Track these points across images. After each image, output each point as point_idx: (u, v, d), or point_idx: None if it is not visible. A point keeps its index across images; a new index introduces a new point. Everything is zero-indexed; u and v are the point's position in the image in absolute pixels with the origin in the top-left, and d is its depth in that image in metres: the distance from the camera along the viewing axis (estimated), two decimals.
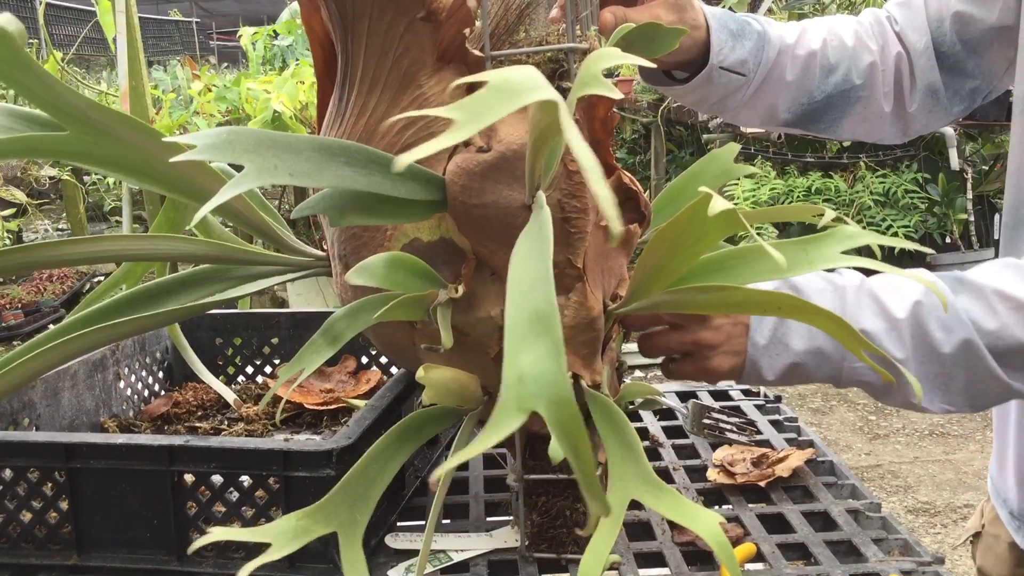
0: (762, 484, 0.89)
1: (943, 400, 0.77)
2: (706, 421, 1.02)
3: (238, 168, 0.55)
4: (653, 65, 0.91)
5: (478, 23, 0.69)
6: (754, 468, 0.92)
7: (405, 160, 0.42)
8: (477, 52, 0.69)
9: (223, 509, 0.76)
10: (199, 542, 0.57)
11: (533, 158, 0.59)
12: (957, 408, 0.78)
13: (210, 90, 4.37)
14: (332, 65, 0.77)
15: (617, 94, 0.49)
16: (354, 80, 0.72)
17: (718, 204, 0.50)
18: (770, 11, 4.57)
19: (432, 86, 0.69)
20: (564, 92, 0.68)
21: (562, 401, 0.45)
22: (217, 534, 0.55)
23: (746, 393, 1.18)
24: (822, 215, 0.62)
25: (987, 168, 4.70)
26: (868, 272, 0.74)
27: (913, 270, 0.79)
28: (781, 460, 0.93)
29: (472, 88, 0.50)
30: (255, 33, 5.75)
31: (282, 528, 0.59)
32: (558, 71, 0.70)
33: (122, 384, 1.05)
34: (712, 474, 0.92)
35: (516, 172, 0.65)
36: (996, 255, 1.02)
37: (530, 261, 0.51)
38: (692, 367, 0.80)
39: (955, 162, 4.13)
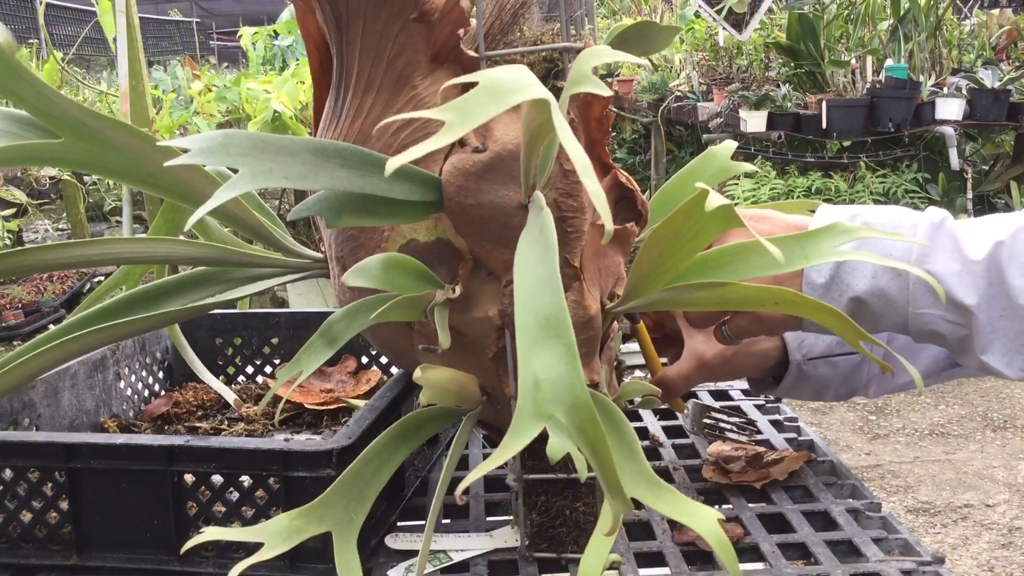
0: (757, 486, 0.89)
1: (1023, 366, 0.68)
2: (706, 421, 1.02)
3: (235, 171, 0.55)
4: (642, 61, 0.90)
5: (473, 23, 0.69)
6: (749, 467, 0.93)
7: (396, 163, 0.42)
8: (472, 52, 0.69)
9: (223, 509, 0.76)
10: (192, 542, 0.57)
11: (527, 158, 0.59)
12: None
13: (210, 90, 4.36)
14: (328, 67, 0.78)
15: (607, 91, 0.49)
16: (349, 82, 0.72)
17: (714, 200, 0.50)
18: (770, 11, 4.57)
19: (427, 87, 0.69)
20: (559, 91, 0.68)
21: (580, 405, 0.46)
22: (210, 533, 0.55)
23: (746, 393, 1.18)
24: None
25: (987, 168, 4.70)
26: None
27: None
28: (777, 462, 0.93)
29: (466, 88, 0.50)
30: (255, 33, 5.76)
31: (276, 528, 0.60)
32: (553, 71, 0.70)
33: (122, 384, 1.05)
34: (707, 472, 0.92)
35: (512, 172, 0.65)
36: None
37: (535, 264, 0.51)
38: (745, 319, 0.77)
39: (955, 162, 4.13)
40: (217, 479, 0.76)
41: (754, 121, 4.04)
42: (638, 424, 1.08)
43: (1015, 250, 0.67)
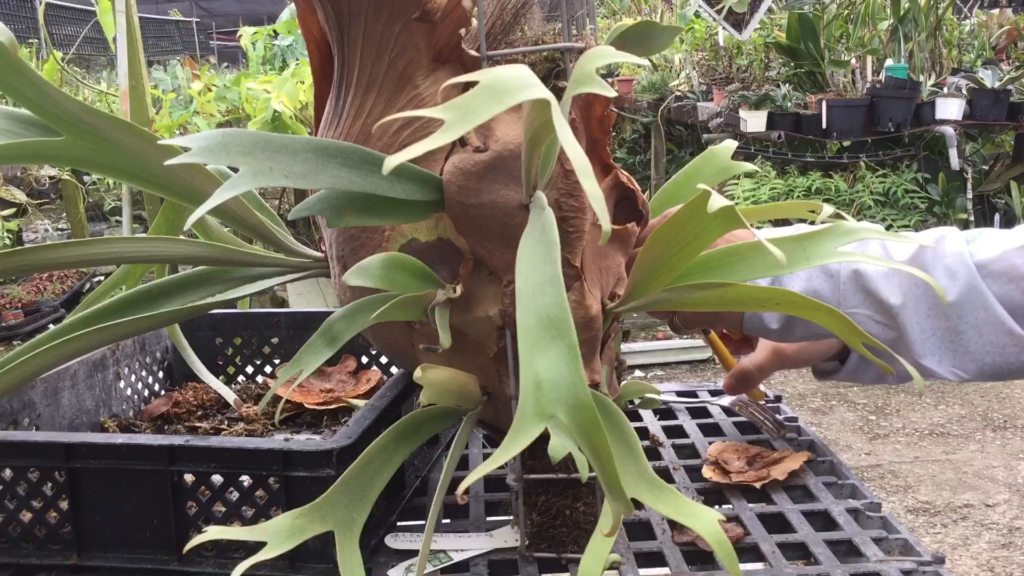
0: (757, 486, 0.89)
1: (954, 364, 0.72)
2: (750, 408, 1.06)
3: (235, 170, 0.55)
4: (644, 61, 0.91)
5: (474, 22, 0.69)
6: (749, 467, 0.93)
7: (394, 162, 0.42)
8: (473, 52, 0.69)
9: (223, 509, 0.76)
10: (194, 541, 0.57)
11: (529, 157, 0.59)
12: (971, 376, 0.72)
13: (210, 90, 4.36)
14: (329, 66, 0.77)
15: (611, 92, 0.49)
16: (351, 81, 0.72)
17: (716, 201, 0.50)
18: (770, 11, 4.57)
19: (428, 86, 0.69)
20: (560, 92, 0.68)
21: (581, 405, 0.46)
22: (212, 532, 0.55)
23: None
24: (819, 212, 0.62)
25: (987, 168, 4.70)
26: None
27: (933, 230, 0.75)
28: (777, 462, 0.93)
29: (467, 88, 0.50)
30: (255, 33, 5.75)
31: (278, 527, 0.59)
32: (554, 70, 0.70)
33: (122, 384, 1.05)
34: (707, 471, 0.92)
35: (513, 172, 0.65)
36: None
37: (537, 264, 0.51)
38: (689, 312, 0.81)
39: (955, 162, 4.13)
40: (217, 479, 0.76)
41: (754, 121, 4.04)
42: (638, 424, 1.08)
43: (939, 253, 0.70)
